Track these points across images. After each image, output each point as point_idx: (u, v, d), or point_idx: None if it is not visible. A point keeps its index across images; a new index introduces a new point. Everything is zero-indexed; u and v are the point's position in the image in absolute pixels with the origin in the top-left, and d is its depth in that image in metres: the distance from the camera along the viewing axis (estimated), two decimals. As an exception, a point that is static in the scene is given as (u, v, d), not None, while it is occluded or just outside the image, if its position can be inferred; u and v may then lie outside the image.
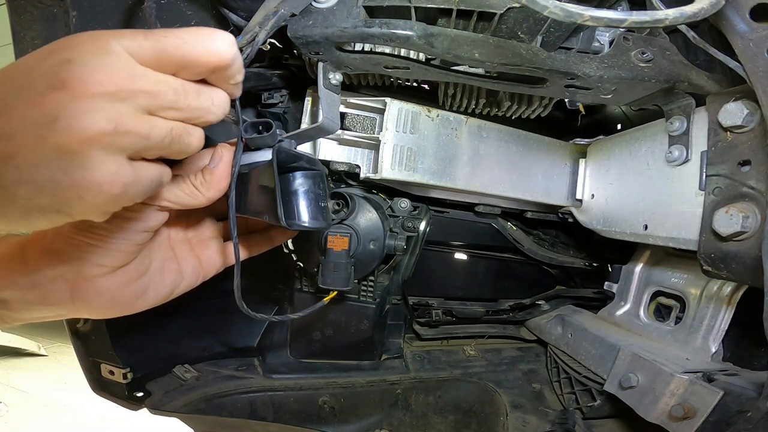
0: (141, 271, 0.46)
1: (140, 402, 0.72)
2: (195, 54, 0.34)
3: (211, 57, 0.34)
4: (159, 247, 0.48)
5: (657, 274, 0.74)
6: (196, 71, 0.35)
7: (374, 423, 0.82)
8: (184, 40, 0.33)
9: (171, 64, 0.34)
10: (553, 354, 0.83)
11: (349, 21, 0.46)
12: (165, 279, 0.48)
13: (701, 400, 0.52)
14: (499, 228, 0.84)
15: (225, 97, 0.38)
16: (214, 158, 0.44)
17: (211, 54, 0.34)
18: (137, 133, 0.32)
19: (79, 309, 0.43)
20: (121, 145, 0.31)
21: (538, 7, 0.35)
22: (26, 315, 0.43)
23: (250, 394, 0.76)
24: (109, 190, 0.31)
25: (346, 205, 0.67)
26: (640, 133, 0.65)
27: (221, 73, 0.36)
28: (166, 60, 0.33)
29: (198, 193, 0.44)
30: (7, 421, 2.71)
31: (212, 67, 0.35)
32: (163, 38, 0.32)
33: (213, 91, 0.37)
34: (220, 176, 0.44)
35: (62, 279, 0.41)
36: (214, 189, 0.44)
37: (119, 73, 0.30)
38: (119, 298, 0.44)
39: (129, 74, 0.31)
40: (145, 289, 0.46)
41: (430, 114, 0.67)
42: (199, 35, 0.34)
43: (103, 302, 0.43)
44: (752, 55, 0.42)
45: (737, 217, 0.46)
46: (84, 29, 0.56)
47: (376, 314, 0.78)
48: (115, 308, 0.45)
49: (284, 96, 0.68)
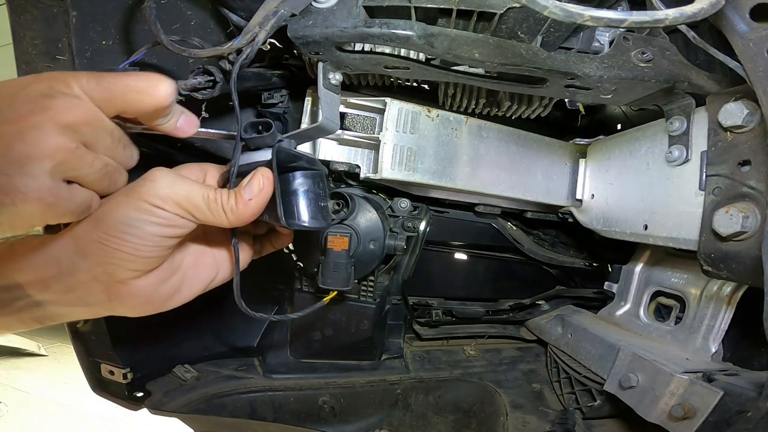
0: (174, 269, 0.46)
1: (140, 402, 0.72)
2: (139, 94, 0.39)
3: (151, 99, 0.39)
4: (193, 241, 0.49)
5: (657, 274, 0.74)
6: (138, 110, 0.40)
7: (374, 423, 0.82)
8: (130, 82, 0.39)
9: (118, 104, 0.39)
10: (553, 354, 0.83)
11: (349, 21, 0.46)
12: (200, 274, 0.49)
13: (701, 400, 0.52)
14: (499, 228, 0.84)
15: None
16: (252, 188, 0.43)
17: (153, 97, 0.39)
18: (85, 161, 0.38)
19: (116, 308, 0.44)
20: (69, 166, 0.37)
21: (538, 7, 0.35)
22: (65, 315, 0.44)
23: (250, 394, 0.76)
24: (42, 200, 0.35)
25: (346, 205, 0.67)
26: (640, 133, 0.65)
27: (159, 113, 0.42)
28: (116, 100, 0.39)
29: (224, 218, 0.43)
30: (7, 421, 2.71)
31: (152, 108, 0.40)
32: (113, 84, 0.38)
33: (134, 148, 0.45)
34: (253, 209, 0.44)
35: (96, 281, 0.42)
36: (241, 220, 0.44)
37: (85, 110, 0.37)
38: (154, 297, 0.45)
39: (92, 112, 0.38)
40: (179, 286, 0.47)
41: (430, 114, 0.67)
42: (143, 78, 0.39)
43: (138, 302, 0.44)
44: (752, 55, 0.42)
45: (737, 217, 0.46)
46: (84, 29, 0.56)
47: (376, 314, 0.78)
48: (150, 307, 0.46)
49: (284, 96, 0.68)
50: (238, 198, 0.43)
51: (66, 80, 0.37)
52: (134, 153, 0.45)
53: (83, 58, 0.57)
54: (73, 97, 0.37)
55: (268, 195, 0.44)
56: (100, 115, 0.39)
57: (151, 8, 0.47)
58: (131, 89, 0.38)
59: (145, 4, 0.47)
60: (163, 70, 0.60)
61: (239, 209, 0.43)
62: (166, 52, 0.48)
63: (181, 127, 0.44)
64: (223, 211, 0.43)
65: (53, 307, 0.43)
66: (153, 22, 0.47)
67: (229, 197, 0.43)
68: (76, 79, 0.37)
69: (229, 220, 0.43)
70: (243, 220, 0.44)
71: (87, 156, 0.38)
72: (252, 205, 0.43)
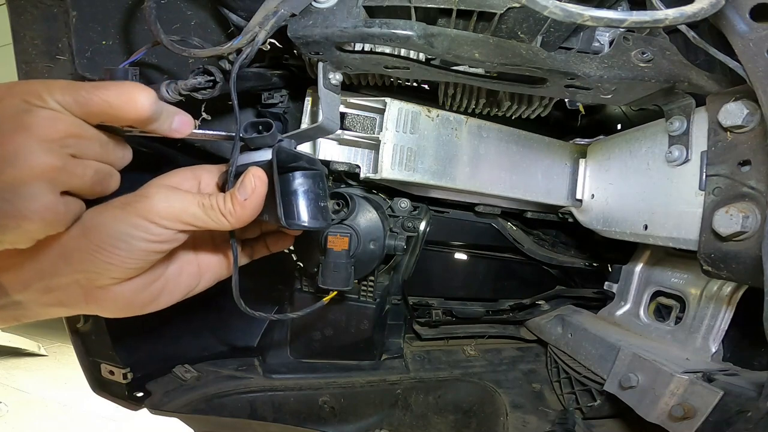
0: (156, 276, 0.46)
1: (140, 402, 0.72)
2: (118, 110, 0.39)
3: (131, 112, 0.39)
4: (179, 249, 0.48)
5: (657, 274, 0.74)
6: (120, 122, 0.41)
7: (374, 423, 0.82)
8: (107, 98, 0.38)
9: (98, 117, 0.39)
10: (553, 354, 0.83)
11: (349, 21, 0.46)
12: (181, 282, 0.49)
13: (701, 400, 0.52)
14: (499, 228, 0.83)
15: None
16: (245, 189, 0.43)
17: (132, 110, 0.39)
18: (75, 173, 0.38)
19: (92, 310, 0.45)
20: (61, 181, 0.37)
21: (538, 7, 0.35)
22: (41, 314, 0.45)
23: (250, 394, 0.76)
24: (45, 219, 0.36)
25: (346, 205, 0.67)
26: (640, 133, 0.65)
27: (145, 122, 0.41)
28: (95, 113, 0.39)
29: (224, 222, 0.43)
30: (7, 421, 2.71)
31: (134, 119, 0.40)
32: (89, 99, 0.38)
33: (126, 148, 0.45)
34: (251, 210, 0.43)
35: (77, 284, 0.42)
36: (241, 221, 0.44)
37: (67, 123, 0.37)
38: (132, 303, 0.45)
39: (75, 124, 0.38)
40: (160, 293, 0.47)
41: (430, 114, 0.67)
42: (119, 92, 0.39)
43: (116, 307, 0.45)
44: (752, 55, 0.42)
45: (737, 217, 0.46)
46: (84, 29, 0.56)
47: (376, 314, 0.78)
48: (127, 311, 0.46)
49: (284, 96, 0.68)
50: (234, 200, 0.43)
51: (39, 93, 0.36)
52: (126, 153, 0.45)
53: (83, 58, 0.57)
54: (50, 110, 0.36)
55: (262, 193, 0.44)
56: (83, 126, 0.39)
57: (151, 8, 0.47)
58: (108, 105, 0.38)
59: (145, 4, 0.47)
60: (163, 70, 0.61)
61: (237, 211, 0.43)
62: (166, 52, 0.48)
63: (176, 128, 0.44)
64: (221, 215, 0.43)
65: (31, 305, 0.43)
66: (153, 22, 0.47)
67: (225, 201, 0.43)
68: (49, 91, 0.36)
69: (230, 222, 0.43)
70: (243, 221, 0.44)
71: (77, 168, 0.38)
72: (248, 205, 0.43)
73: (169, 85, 0.49)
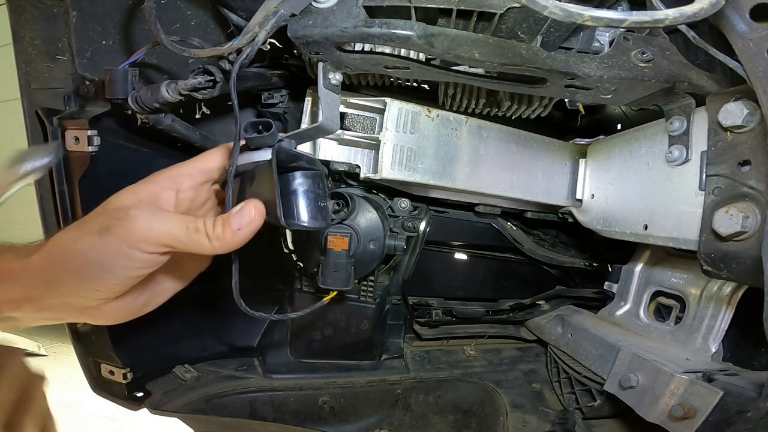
0: (144, 287, 0.47)
1: (140, 402, 0.72)
2: None
3: None
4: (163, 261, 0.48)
5: (657, 274, 0.74)
6: None
7: (374, 423, 0.82)
8: None
9: None
10: (553, 354, 0.83)
11: (349, 21, 0.46)
12: (167, 287, 0.50)
13: (701, 400, 0.52)
14: (499, 228, 0.83)
15: None
16: (242, 218, 0.42)
17: None
18: None
19: (88, 320, 0.47)
20: None
21: (538, 7, 0.35)
22: (39, 323, 0.46)
23: (250, 394, 0.76)
24: None
25: (346, 205, 0.67)
26: (640, 133, 0.65)
27: None
28: None
29: (206, 247, 0.42)
30: (7, 421, 2.71)
31: None
32: None
33: None
34: (241, 239, 0.42)
35: (67, 305, 0.43)
36: (226, 248, 0.42)
37: None
38: (124, 313, 0.47)
39: None
40: (148, 302, 0.48)
41: (430, 114, 0.67)
42: None
43: (109, 318, 0.46)
44: (752, 55, 0.42)
45: (737, 217, 0.46)
46: (84, 29, 0.56)
47: (376, 314, 0.78)
48: (121, 320, 0.48)
49: (284, 96, 0.68)
50: (226, 226, 0.41)
51: None
52: None
53: (83, 58, 0.57)
54: None
55: (257, 227, 0.42)
56: None
57: (151, 8, 0.47)
58: None
59: (145, 4, 0.47)
60: (163, 70, 0.61)
61: (226, 237, 0.41)
62: (166, 52, 0.49)
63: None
64: (206, 238, 0.41)
65: (27, 320, 0.44)
66: (153, 22, 0.47)
67: (215, 225, 0.41)
68: None
69: (213, 247, 0.42)
70: (227, 249, 0.42)
71: None
72: (239, 234, 0.42)
73: (169, 85, 0.49)
